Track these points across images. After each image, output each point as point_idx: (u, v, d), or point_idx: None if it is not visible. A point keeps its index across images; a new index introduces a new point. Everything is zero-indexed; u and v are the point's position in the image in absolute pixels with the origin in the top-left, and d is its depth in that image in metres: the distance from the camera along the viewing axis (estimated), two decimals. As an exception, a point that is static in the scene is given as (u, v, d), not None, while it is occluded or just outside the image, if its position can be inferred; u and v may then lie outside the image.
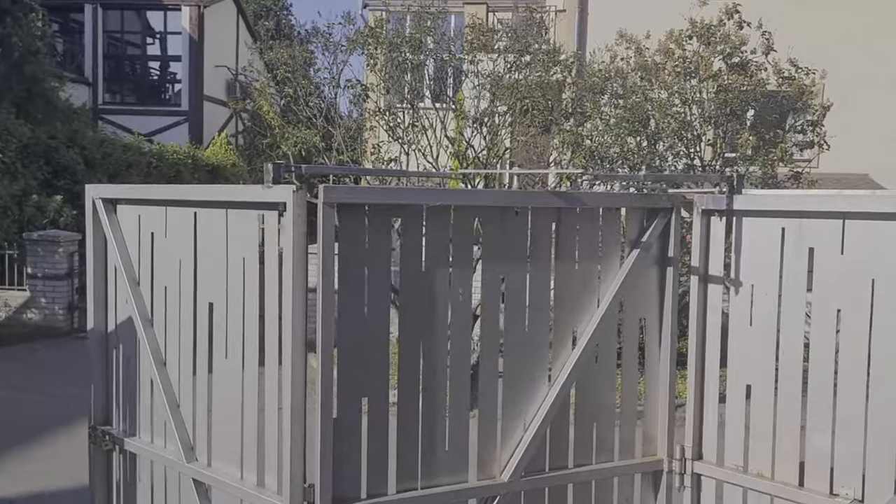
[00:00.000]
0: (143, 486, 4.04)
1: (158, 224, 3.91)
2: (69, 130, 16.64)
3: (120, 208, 4.09)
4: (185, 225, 3.77)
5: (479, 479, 3.61)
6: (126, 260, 4.05)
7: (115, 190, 4.20)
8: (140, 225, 4.00)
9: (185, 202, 3.78)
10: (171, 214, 3.85)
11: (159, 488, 3.96)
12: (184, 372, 3.83)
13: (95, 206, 4.11)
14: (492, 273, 3.62)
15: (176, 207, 3.81)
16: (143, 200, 4.01)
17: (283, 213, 3.30)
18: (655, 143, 9.95)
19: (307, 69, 12.38)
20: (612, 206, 3.88)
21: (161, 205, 3.88)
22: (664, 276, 3.92)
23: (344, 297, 3.37)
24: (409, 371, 3.48)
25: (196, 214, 3.72)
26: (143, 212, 3.98)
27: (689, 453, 3.90)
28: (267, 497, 3.45)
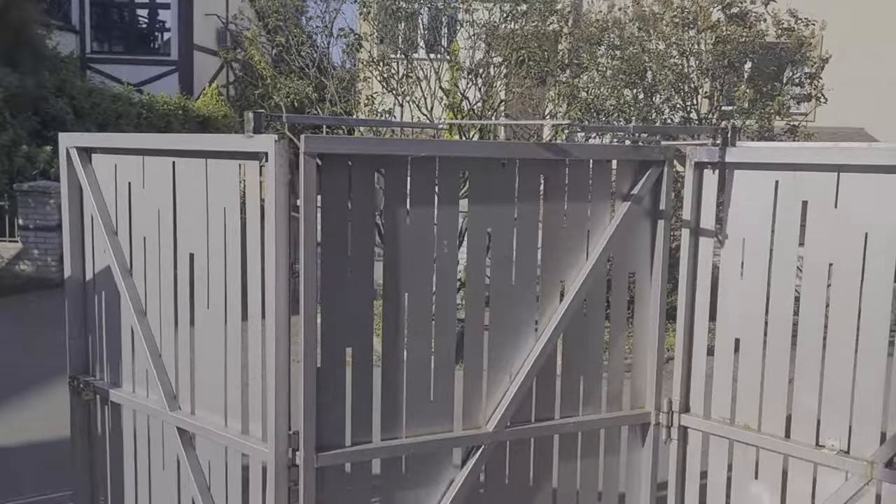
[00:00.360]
0: (126, 435, 4.04)
1: (136, 174, 3.83)
2: (58, 80, 16.43)
3: (95, 157, 4.01)
4: (164, 175, 3.70)
5: (464, 429, 3.62)
6: (103, 210, 3.98)
7: (89, 139, 4.10)
8: (117, 174, 3.92)
9: (163, 151, 3.71)
10: (149, 164, 3.77)
11: (142, 437, 3.96)
12: (165, 322, 3.81)
13: (70, 156, 4.03)
14: (478, 225, 3.58)
15: (154, 157, 3.74)
16: (119, 149, 3.92)
17: (263, 164, 3.25)
18: (652, 95, 9.85)
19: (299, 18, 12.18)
20: (602, 159, 3.81)
21: (138, 154, 3.80)
22: (655, 229, 3.87)
23: (327, 248, 3.32)
24: (394, 323, 3.46)
25: (174, 164, 3.65)
26: (119, 161, 3.90)
27: (676, 406, 3.90)
28: (252, 444, 3.46)
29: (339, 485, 3.47)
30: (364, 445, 3.45)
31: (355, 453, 3.43)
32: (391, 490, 3.57)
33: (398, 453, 3.52)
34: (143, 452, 3.97)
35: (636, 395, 3.96)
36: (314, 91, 11.06)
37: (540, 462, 3.81)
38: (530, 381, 3.69)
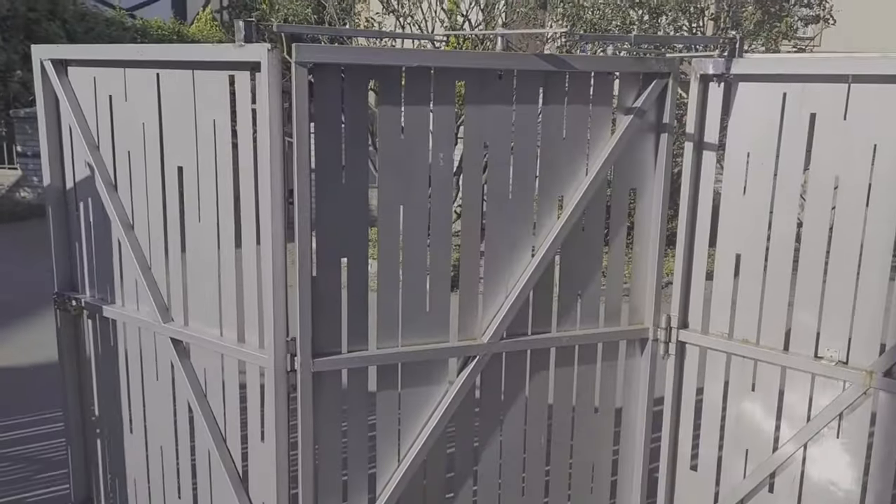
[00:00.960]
0: (117, 348, 4.05)
1: (117, 86, 3.73)
2: (49, 3, 16.10)
3: (72, 70, 3.88)
4: (148, 87, 3.60)
5: (459, 341, 3.64)
6: (83, 124, 3.88)
7: (65, 50, 3.94)
8: (96, 87, 3.81)
9: (146, 63, 3.60)
10: (131, 76, 3.67)
11: (133, 350, 3.96)
12: (154, 235, 3.77)
13: (44, 68, 3.91)
14: (474, 138, 3.51)
15: (136, 69, 3.64)
16: (97, 62, 3.79)
17: (254, 75, 3.19)
18: (657, 16, 9.66)
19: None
20: (603, 71, 3.70)
21: (119, 66, 3.69)
22: (658, 145, 3.78)
23: (320, 158, 3.28)
24: (389, 235, 3.44)
25: (159, 76, 3.56)
26: (98, 73, 3.79)
27: (674, 322, 3.88)
28: (249, 350, 3.50)
29: (335, 391, 3.50)
30: (360, 352, 3.49)
31: (351, 359, 3.47)
32: (387, 398, 3.60)
33: (393, 361, 3.55)
34: (134, 365, 3.98)
35: (635, 312, 3.95)
36: (313, 13, 10.86)
37: (536, 375, 3.82)
38: (526, 294, 3.67)
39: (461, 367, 3.68)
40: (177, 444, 3.92)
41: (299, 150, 3.19)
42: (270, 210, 3.25)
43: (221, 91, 3.39)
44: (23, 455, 5.16)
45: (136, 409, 4.03)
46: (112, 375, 4.10)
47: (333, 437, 3.56)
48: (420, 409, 3.65)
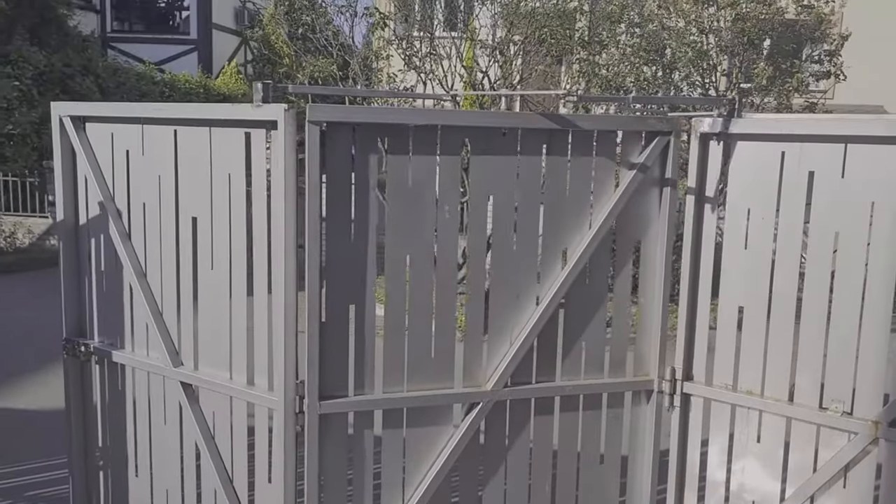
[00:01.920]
0: (125, 393, 4.12)
1: (134, 142, 3.88)
2: (83, 58, 16.60)
3: (90, 126, 4.04)
4: (165, 142, 3.76)
5: (464, 387, 3.71)
6: (99, 176, 4.02)
7: (83, 107, 4.12)
8: (113, 142, 3.96)
9: (164, 120, 3.76)
10: (149, 132, 3.82)
11: (142, 394, 4.04)
12: (166, 283, 3.88)
13: (63, 124, 4.06)
14: (479, 192, 3.62)
15: (153, 125, 3.80)
16: (115, 118, 3.96)
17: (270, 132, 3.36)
18: (671, 72, 9.82)
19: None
20: (607, 129, 3.80)
21: (136, 123, 3.85)
22: (661, 199, 3.85)
23: (332, 211, 3.43)
24: (396, 283, 3.55)
25: (176, 132, 3.72)
26: (116, 130, 3.94)
27: (678, 374, 3.90)
28: (258, 392, 3.62)
29: (342, 433, 3.59)
30: (366, 396, 3.58)
31: (357, 402, 3.57)
32: (392, 441, 3.66)
33: (399, 405, 3.62)
34: (142, 409, 4.06)
35: (640, 362, 3.97)
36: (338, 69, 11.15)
37: (540, 423, 3.84)
38: (530, 343, 3.72)
39: (465, 414, 3.73)
40: (183, 486, 3.98)
41: (310, 202, 3.32)
42: (284, 259, 3.38)
43: (237, 147, 3.55)
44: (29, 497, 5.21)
45: (143, 452, 4.09)
46: (119, 419, 4.17)
47: (339, 479, 3.61)
48: (425, 454, 3.70)
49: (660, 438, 3.98)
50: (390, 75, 10.92)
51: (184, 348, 3.88)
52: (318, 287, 3.41)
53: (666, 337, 3.95)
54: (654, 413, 3.96)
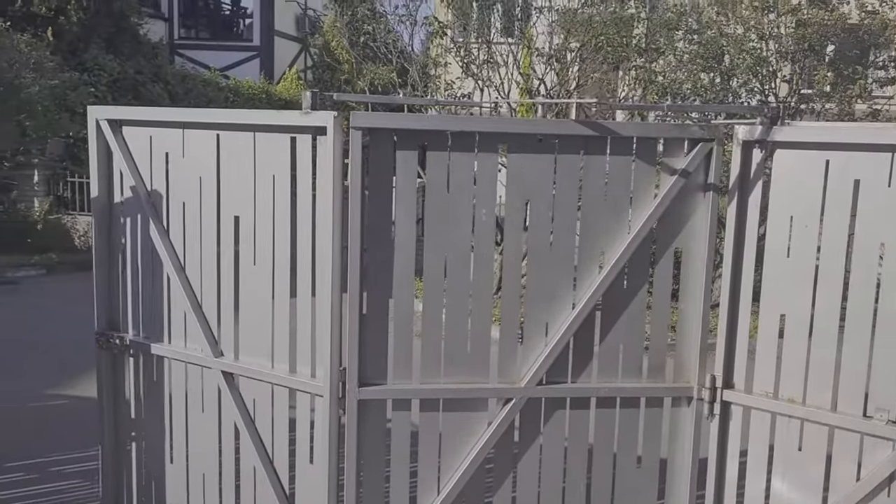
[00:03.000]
0: (162, 383, 4.26)
1: (174, 145, 4.03)
2: (154, 66, 17.16)
3: (126, 130, 4.18)
4: (207, 146, 3.92)
5: (498, 382, 3.80)
6: (136, 176, 4.16)
7: (119, 111, 4.27)
8: (152, 145, 4.11)
9: (206, 125, 3.93)
10: (190, 136, 3.98)
11: (178, 385, 4.18)
12: (206, 277, 4.04)
13: (100, 127, 4.20)
14: (516, 196, 3.70)
15: (195, 130, 3.96)
16: (153, 122, 4.11)
17: (315, 138, 3.55)
18: (729, 79, 9.71)
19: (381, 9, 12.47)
20: (646, 136, 3.80)
21: (177, 127, 4.01)
22: (703, 207, 3.82)
23: (373, 210, 3.59)
24: (434, 281, 3.68)
25: (219, 136, 3.89)
26: (154, 133, 4.09)
27: (718, 382, 3.85)
28: (300, 379, 3.79)
29: (380, 419, 3.75)
30: (403, 385, 3.73)
31: (394, 391, 3.73)
32: (428, 430, 3.79)
33: (435, 395, 3.75)
34: (179, 398, 4.19)
35: (679, 369, 3.94)
36: (398, 76, 11.35)
37: (576, 423, 3.87)
38: (564, 342, 3.77)
39: (500, 408, 3.80)
40: (220, 471, 4.13)
41: (353, 202, 3.49)
42: (331, 257, 3.58)
43: (282, 151, 3.71)
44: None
45: (179, 440, 4.23)
46: (154, 409, 4.30)
47: (377, 463, 3.79)
48: (459, 444, 3.80)
49: (699, 445, 3.94)
50: (448, 83, 11.04)
51: (224, 340, 4.03)
52: (358, 282, 3.60)
53: (706, 344, 3.91)
54: (694, 420, 3.92)
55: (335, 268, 3.59)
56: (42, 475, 5.37)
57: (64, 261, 13.13)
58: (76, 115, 14.17)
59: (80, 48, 15.67)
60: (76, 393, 7.03)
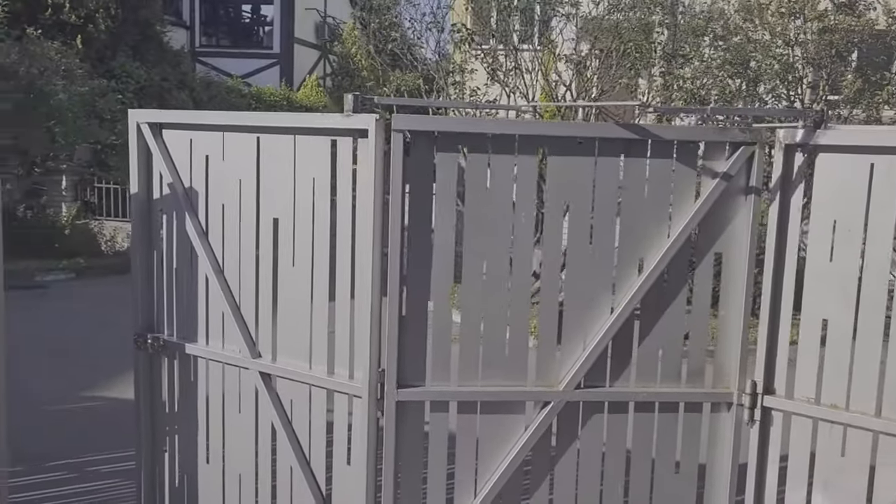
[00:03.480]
0: (195, 384, 4.27)
1: (214, 148, 4.05)
2: (178, 73, 17.31)
3: (166, 133, 4.20)
4: (247, 149, 3.94)
5: (536, 386, 3.78)
6: (176, 177, 4.17)
7: (160, 115, 4.29)
8: (192, 148, 4.13)
9: (245, 128, 3.96)
10: (230, 139, 4.00)
11: (215, 386, 4.19)
12: (244, 278, 4.05)
13: (140, 129, 4.21)
14: (555, 198, 3.69)
15: (235, 133, 3.98)
16: (193, 125, 4.13)
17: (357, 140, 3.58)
18: (756, 85, 9.67)
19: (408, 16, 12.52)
20: (687, 140, 3.75)
21: (217, 130, 4.03)
22: (744, 211, 3.76)
23: (414, 213, 3.61)
24: (473, 283, 3.68)
25: (259, 139, 3.91)
26: (195, 136, 4.11)
27: (759, 388, 3.79)
28: (339, 380, 3.81)
29: (418, 420, 3.77)
30: (441, 387, 3.74)
31: (432, 393, 3.73)
32: (466, 432, 3.79)
33: (472, 398, 3.74)
34: (215, 398, 4.20)
35: (719, 374, 3.88)
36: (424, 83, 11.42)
37: (614, 427, 3.84)
38: (603, 346, 3.74)
39: (538, 412, 3.78)
40: (257, 471, 4.13)
41: (393, 204, 3.54)
42: (371, 258, 3.60)
43: (323, 153, 3.73)
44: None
45: (215, 440, 4.23)
46: (190, 409, 4.31)
47: (415, 464, 3.79)
48: (497, 446, 3.77)
49: (739, 451, 3.87)
50: (473, 90, 11.05)
51: (262, 341, 4.05)
52: (398, 284, 3.63)
53: (747, 350, 3.85)
54: (733, 426, 3.86)
55: (375, 269, 3.61)
56: (80, 475, 5.43)
57: (91, 265, 13.24)
58: (104, 121, 14.30)
59: (107, 55, 15.82)
60: (111, 395, 7.07)
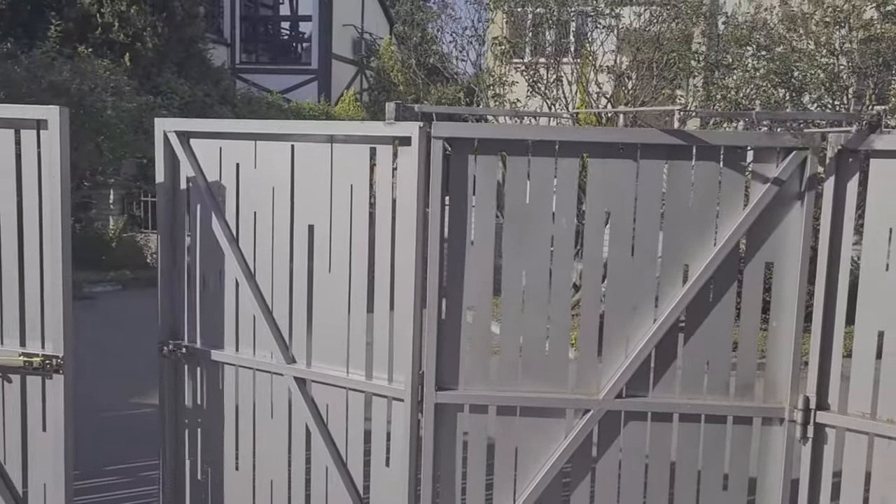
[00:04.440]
0: (223, 391, 4.22)
1: (246, 156, 4.03)
2: (221, 89, 17.59)
3: (194, 142, 4.17)
4: (281, 157, 3.94)
5: (576, 393, 3.70)
6: (205, 186, 4.14)
7: (187, 123, 4.26)
8: (222, 156, 4.10)
9: (278, 136, 3.95)
10: (263, 147, 3.99)
11: (246, 392, 4.15)
12: (277, 285, 4.02)
13: (167, 138, 4.18)
14: (596, 205, 3.64)
15: (267, 142, 3.98)
16: (223, 134, 4.10)
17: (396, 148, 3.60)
18: (800, 94, 9.53)
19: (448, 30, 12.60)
20: (735, 145, 3.60)
21: (249, 139, 4.02)
22: (796, 218, 3.60)
23: (453, 221, 3.61)
24: (513, 290, 3.65)
25: (293, 147, 3.90)
26: (225, 145, 4.09)
27: (812, 403, 3.62)
28: (378, 382, 3.81)
29: (456, 424, 3.76)
30: (480, 391, 3.72)
31: (471, 396, 3.72)
32: (505, 437, 3.75)
33: (511, 403, 3.70)
34: (246, 404, 4.16)
35: (770, 388, 3.71)
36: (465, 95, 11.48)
37: (657, 438, 3.73)
38: (645, 355, 3.65)
39: (578, 419, 3.71)
40: (290, 476, 4.09)
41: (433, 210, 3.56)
42: (413, 263, 3.61)
43: (362, 161, 3.74)
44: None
45: (245, 446, 4.19)
46: (217, 416, 4.25)
47: (453, 467, 3.79)
48: (536, 451, 3.73)
49: (791, 467, 3.72)
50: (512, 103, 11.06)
51: (296, 347, 4.02)
52: (437, 290, 3.65)
53: (799, 363, 3.68)
54: (785, 441, 3.70)
55: (417, 273, 3.61)
56: (135, 480, 5.49)
57: (138, 277, 13.43)
58: (150, 136, 14.53)
59: (153, 72, 16.13)
60: (157, 402, 7.14)
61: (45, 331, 3.94)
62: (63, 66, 12.69)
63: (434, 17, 12.00)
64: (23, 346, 3.99)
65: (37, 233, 3.88)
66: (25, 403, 4.03)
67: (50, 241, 3.85)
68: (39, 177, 3.84)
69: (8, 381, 4.03)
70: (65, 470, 3.96)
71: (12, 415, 4.06)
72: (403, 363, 3.70)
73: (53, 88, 12.08)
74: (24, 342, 3.99)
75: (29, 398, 4.02)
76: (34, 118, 3.82)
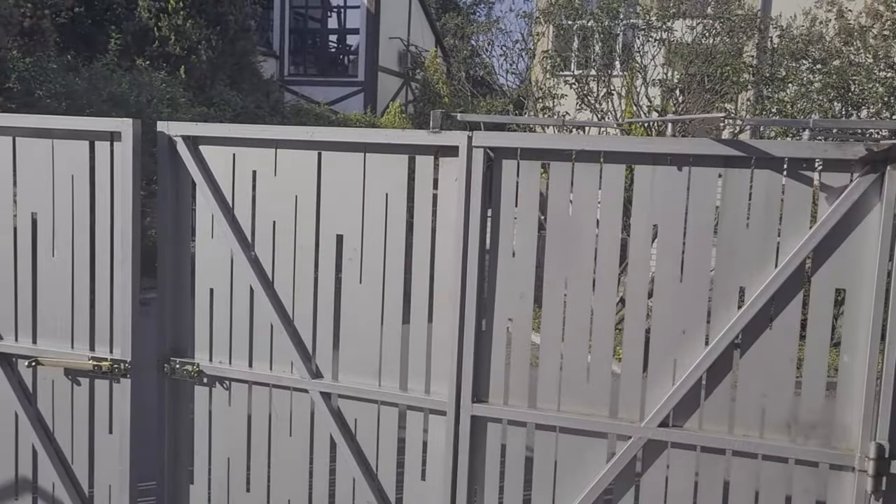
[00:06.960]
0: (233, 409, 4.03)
1: (264, 163, 3.84)
2: (271, 100, 17.84)
3: (203, 148, 3.95)
4: (306, 164, 3.77)
5: (617, 419, 3.50)
6: (218, 195, 3.94)
7: (196, 128, 3.97)
8: (235, 163, 3.89)
9: (303, 143, 3.78)
10: (284, 155, 3.81)
11: (260, 410, 3.96)
12: (300, 296, 3.84)
13: (173, 143, 3.95)
14: (643, 220, 3.39)
15: (290, 150, 3.81)
16: (236, 140, 3.89)
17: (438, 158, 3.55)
18: (858, 109, 9.36)
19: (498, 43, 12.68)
20: (800, 157, 3.26)
21: (268, 146, 3.83)
22: (872, 239, 3.20)
23: (495, 230, 3.52)
24: (553, 305, 3.51)
25: (321, 155, 3.74)
26: (238, 151, 3.88)
27: (886, 452, 3.20)
28: (414, 395, 3.73)
29: (494, 437, 3.66)
30: (517, 407, 3.62)
31: (508, 411, 3.61)
32: (543, 456, 3.63)
33: (549, 422, 3.57)
34: (260, 423, 3.98)
35: (839, 431, 3.30)
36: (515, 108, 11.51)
37: (707, 474, 3.43)
38: (692, 383, 3.36)
39: (619, 444, 3.51)
40: (311, 494, 3.93)
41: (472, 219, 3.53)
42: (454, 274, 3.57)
43: (400, 170, 3.65)
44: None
45: (259, 466, 4.00)
46: (229, 435, 4.03)
47: (491, 481, 3.69)
48: (574, 476, 3.59)
49: None
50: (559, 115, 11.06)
51: (321, 361, 3.87)
52: (475, 303, 3.57)
53: (873, 404, 3.26)
54: (855, 492, 3.28)
55: (462, 285, 3.55)
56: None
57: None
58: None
59: (207, 84, 16.43)
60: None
61: (113, 336, 4.02)
62: (122, 78, 12.98)
63: (484, 30, 12.09)
64: (92, 350, 4.07)
65: (108, 241, 3.95)
66: (94, 406, 4.09)
67: (121, 249, 3.93)
68: (112, 187, 3.91)
69: (77, 384, 4.11)
70: (129, 472, 4.04)
71: (80, 417, 4.12)
72: (443, 375, 3.62)
73: (113, 100, 12.34)
74: (93, 347, 4.06)
75: (97, 401, 4.09)
76: (108, 130, 3.91)
